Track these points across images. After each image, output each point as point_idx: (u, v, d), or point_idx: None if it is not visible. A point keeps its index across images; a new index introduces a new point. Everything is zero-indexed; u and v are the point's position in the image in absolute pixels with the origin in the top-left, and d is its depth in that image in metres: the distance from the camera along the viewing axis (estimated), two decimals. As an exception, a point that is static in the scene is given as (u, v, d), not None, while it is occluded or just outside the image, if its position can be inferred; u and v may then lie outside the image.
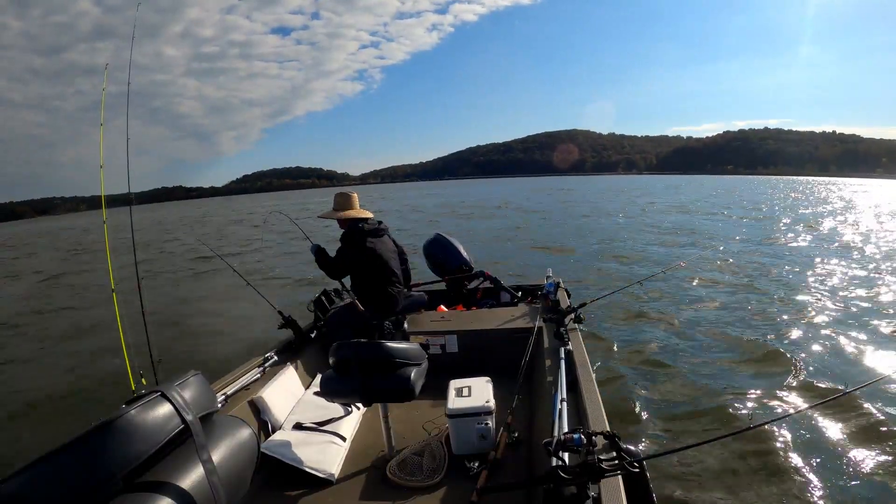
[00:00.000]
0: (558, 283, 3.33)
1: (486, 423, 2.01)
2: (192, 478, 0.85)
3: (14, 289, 11.38)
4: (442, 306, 3.53)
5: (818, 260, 9.22)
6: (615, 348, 4.72)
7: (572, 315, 2.63)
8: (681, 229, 14.52)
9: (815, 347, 4.60)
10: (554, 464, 1.25)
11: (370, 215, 2.96)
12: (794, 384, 3.85)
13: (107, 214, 2.52)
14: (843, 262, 8.77)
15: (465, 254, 3.81)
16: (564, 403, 1.63)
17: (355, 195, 2.95)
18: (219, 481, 0.88)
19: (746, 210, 21.68)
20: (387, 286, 2.86)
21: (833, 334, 4.95)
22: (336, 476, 1.95)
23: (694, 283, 7.34)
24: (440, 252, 3.83)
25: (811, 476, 2.70)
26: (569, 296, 3.27)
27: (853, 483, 2.65)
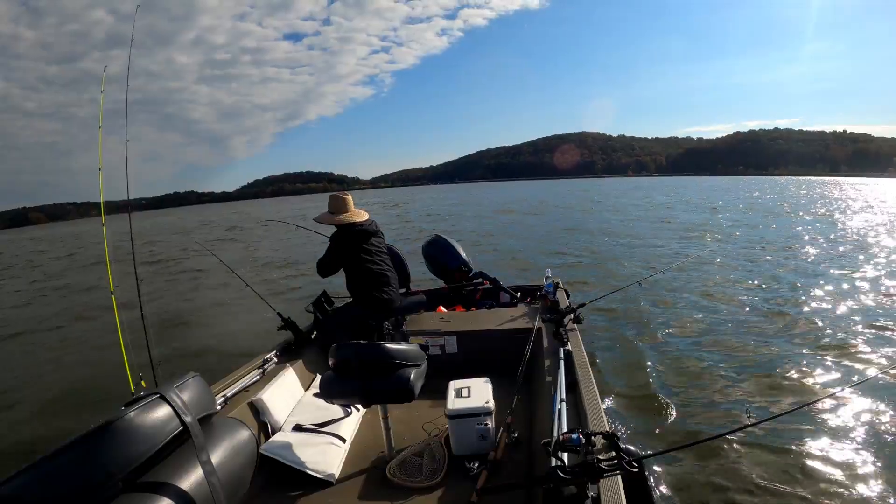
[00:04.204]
0: (557, 283, 3.33)
1: (486, 424, 2.01)
2: (191, 479, 0.85)
3: (13, 292, 11.37)
4: (441, 307, 3.53)
5: (823, 258, 9.23)
6: (614, 348, 4.72)
7: (571, 315, 2.63)
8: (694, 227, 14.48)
9: (816, 345, 4.60)
10: (553, 464, 1.25)
11: (366, 217, 2.95)
12: (794, 381, 3.85)
13: (115, 220, 2.53)
14: (848, 263, 8.76)
15: (463, 255, 3.82)
16: (564, 403, 1.63)
17: (349, 197, 2.94)
18: (218, 483, 0.88)
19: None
20: (381, 286, 2.86)
21: (834, 332, 4.96)
22: (336, 477, 1.95)
23: (694, 283, 7.35)
24: (439, 253, 3.84)
25: (812, 473, 2.70)
26: (568, 296, 3.27)
27: (855, 480, 2.65)
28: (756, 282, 7.39)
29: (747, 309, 5.95)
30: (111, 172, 2.53)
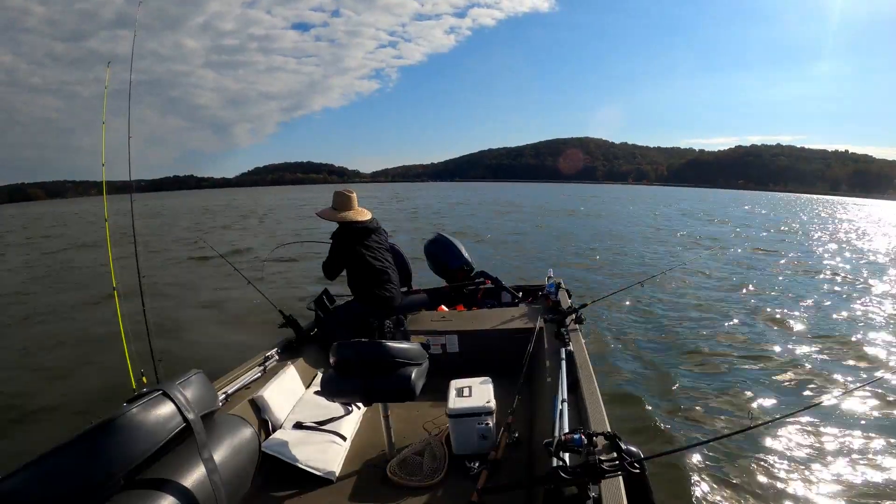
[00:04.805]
0: (559, 283, 3.32)
1: (487, 423, 2.00)
2: (193, 476, 0.85)
3: (9, 282, 11.37)
4: (443, 306, 3.53)
5: (824, 264, 9.21)
6: (616, 349, 4.71)
7: (573, 315, 2.63)
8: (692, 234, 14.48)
9: (817, 348, 4.59)
10: (555, 464, 1.25)
11: (369, 216, 2.95)
12: (795, 383, 3.85)
13: (111, 202, 2.51)
14: (849, 267, 8.74)
15: (465, 254, 3.81)
16: (565, 404, 1.63)
17: (354, 195, 2.93)
18: (220, 480, 0.88)
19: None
20: (382, 283, 2.85)
21: (834, 334, 4.95)
22: (336, 475, 1.95)
23: (695, 284, 7.34)
24: (441, 252, 3.84)
25: (812, 475, 2.70)
26: (570, 296, 3.27)
27: (854, 481, 2.65)
28: (759, 286, 7.38)
29: (750, 311, 5.95)
30: (112, 154, 2.51)
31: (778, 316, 5.72)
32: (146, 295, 2.40)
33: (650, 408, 3.52)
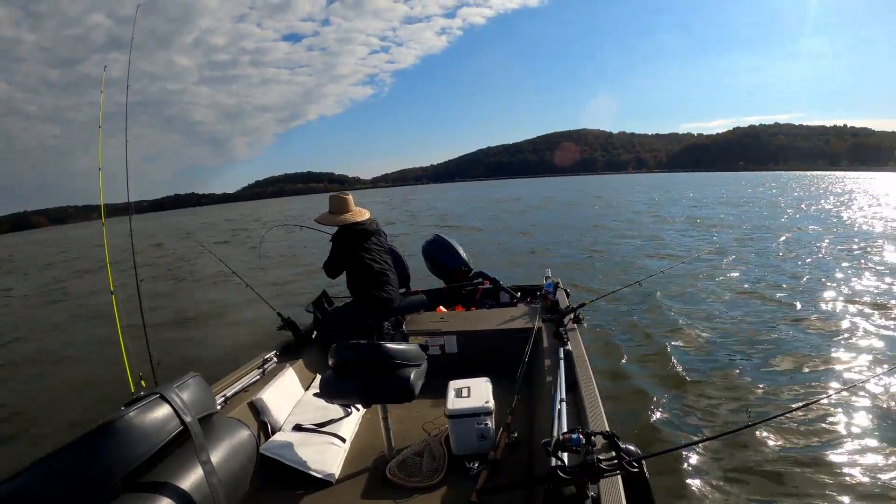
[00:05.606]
0: (557, 283, 3.33)
1: (486, 424, 2.01)
2: (191, 479, 0.86)
3: (13, 293, 11.38)
4: (441, 307, 3.53)
5: (826, 256, 9.19)
6: (614, 348, 4.71)
7: (571, 315, 2.63)
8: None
9: (817, 344, 4.59)
10: (553, 464, 1.25)
11: (367, 216, 2.96)
12: (795, 381, 3.85)
13: (116, 223, 2.53)
14: (854, 260, 8.71)
15: (463, 255, 3.83)
16: (564, 403, 1.63)
17: (350, 197, 2.94)
18: (218, 482, 0.88)
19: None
20: (381, 285, 2.86)
21: (835, 332, 4.95)
22: (336, 477, 1.95)
23: (694, 282, 7.34)
24: (439, 253, 3.85)
25: (812, 473, 2.70)
26: (568, 296, 3.27)
27: (854, 480, 2.64)
28: (757, 281, 7.38)
29: (748, 308, 5.95)
30: (111, 175, 2.53)
31: (780, 312, 5.71)
32: (145, 300, 2.40)
33: (649, 407, 3.52)
